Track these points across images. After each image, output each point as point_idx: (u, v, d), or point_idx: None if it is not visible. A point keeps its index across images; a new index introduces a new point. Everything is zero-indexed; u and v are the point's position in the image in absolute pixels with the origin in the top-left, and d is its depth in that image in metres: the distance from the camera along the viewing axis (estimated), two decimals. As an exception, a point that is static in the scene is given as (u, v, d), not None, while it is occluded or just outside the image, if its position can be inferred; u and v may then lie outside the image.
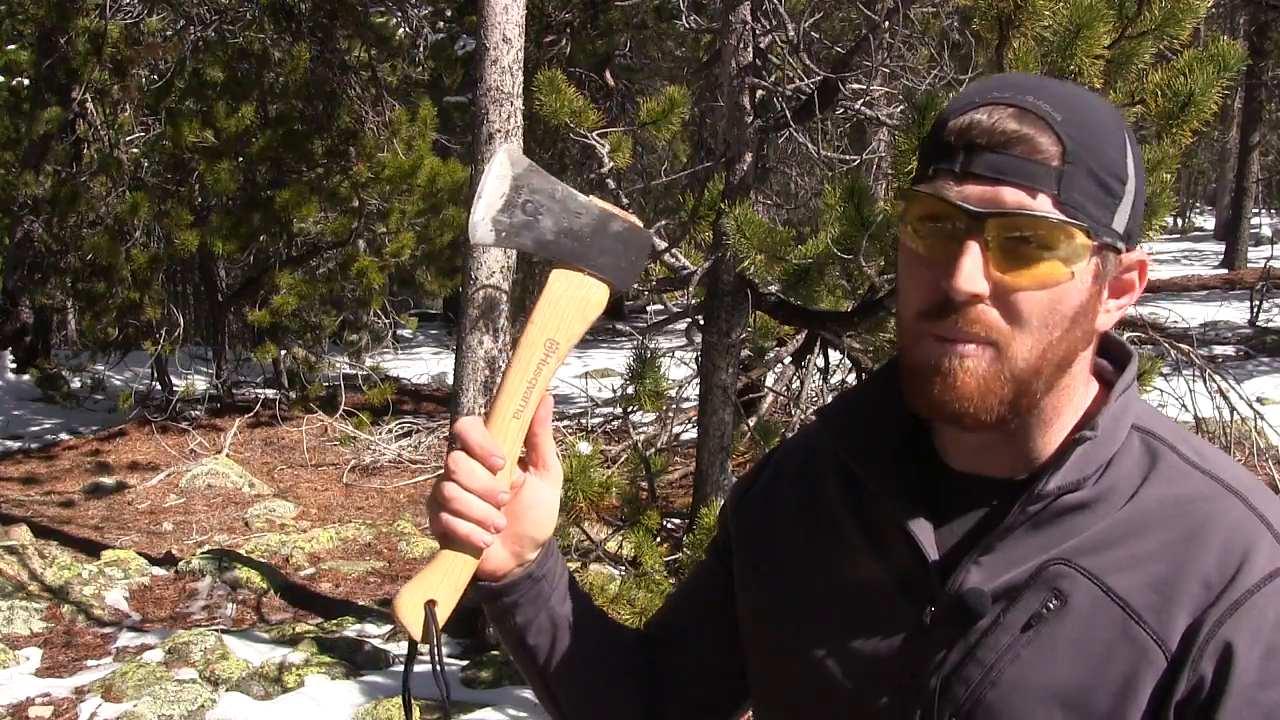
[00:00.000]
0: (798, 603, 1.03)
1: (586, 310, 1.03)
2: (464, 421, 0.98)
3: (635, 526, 3.85)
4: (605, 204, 1.05)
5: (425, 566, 0.99)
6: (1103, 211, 0.88)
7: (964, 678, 0.91)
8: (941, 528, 0.96)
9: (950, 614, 0.92)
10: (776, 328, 5.31)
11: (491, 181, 1.01)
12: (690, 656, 1.15)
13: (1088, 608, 0.88)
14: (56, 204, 9.79)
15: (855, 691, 0.96)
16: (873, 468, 0.99)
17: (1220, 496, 0.91)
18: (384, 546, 7.17)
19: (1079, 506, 0.91)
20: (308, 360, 10.71)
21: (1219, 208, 25.09)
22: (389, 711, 4.17)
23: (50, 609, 5.56)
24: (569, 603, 1.11)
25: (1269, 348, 11.22)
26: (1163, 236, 15.92)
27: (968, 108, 0.89)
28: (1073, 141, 0.86)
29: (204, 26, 9.36)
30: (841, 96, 3.90)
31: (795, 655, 1.01)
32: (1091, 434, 0.91)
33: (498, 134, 4.88)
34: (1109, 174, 0.88)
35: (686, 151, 13.37)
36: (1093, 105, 0.91)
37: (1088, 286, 0.90)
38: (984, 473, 0.97)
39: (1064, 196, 0.86)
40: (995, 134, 0.87)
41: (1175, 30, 2.95)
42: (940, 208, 0.89)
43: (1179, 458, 0.93)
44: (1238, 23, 18.27)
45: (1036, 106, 0.87)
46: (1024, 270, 0.87)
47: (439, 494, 0.98)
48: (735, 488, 1.18)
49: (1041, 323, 0.88)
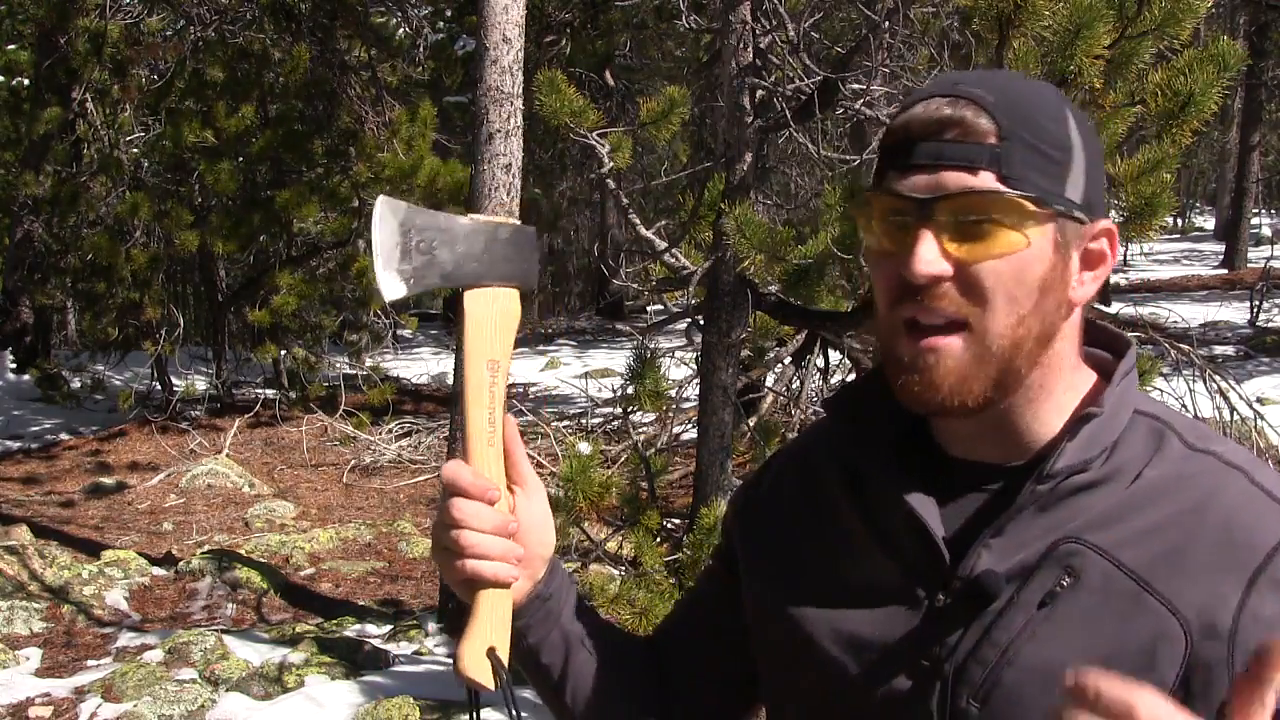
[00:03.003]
0: (808, 601, 1.03)
1: (509, 320, 1.06)
2: (451, 467, 0.99)
3: (635, 526, 3.85)
4: (484, 216, 1.09)
5: (470, 618, 1.00)
6: (1050, 181, 0.90)
7: (980, 659, 0.91)
8: (946, 514, 0.97)
9: (964, 597, 0.93)
10: (776, 328, 5.31)
11: (380, 235, 1.03)
12: (699, 664, 1.16)
13: (1100, 583, 0.89)
14: (56, 204, 9.80)
15: (872, 682, 0.97)
16: (877, 457, 1.00)
17: (1222, 471, 0.93)
18: (384, 546, 7.18)
19: (1087, 486, 0.92)
20: (308, 360, 10.71)
21: (1219, 208, 25.09)
22: (389, 711, 4.17)
23: (50, 609, 5.56)
24: (578, 617, 1.12)
25: (1269, 348, 11.23)
26: (1163, 236, 15.91)
27: (908, 107, 0.92)
28: (1006, 118, 0.89)
29: (204, 26, 9.36)
30: (841, 96, 3.90)
31: (808, 653, 1.02)
32: (1098, 410, 0.92)
33: (498, 134, 4.88)
34: (1050, 145, 0.90)
35: (686, 151, 13.37)
36: (1026, 84, 0.94)
37: (1049, 255, 0.91)
38: (982, 459, 0.98)
39: (1005, 171, 0.89)
40: (930, 123, 0.90)
41: (1175, 30, 2.95)
42: (892, 202, 0.92)
43: (1181, 440, 0.95)
44: (1238, 23, 18.27)
45: (968, 92, 0.90)
46: (978, 244, 0.89)
47: (452, 543, 0.98)
48: (736, 495, 1.18)
49: (1008, 295, 0.90)
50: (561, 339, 16.03)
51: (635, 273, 6.59)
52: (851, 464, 1.03)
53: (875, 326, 0.98)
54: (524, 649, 1.10)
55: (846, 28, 8.11)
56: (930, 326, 0.91)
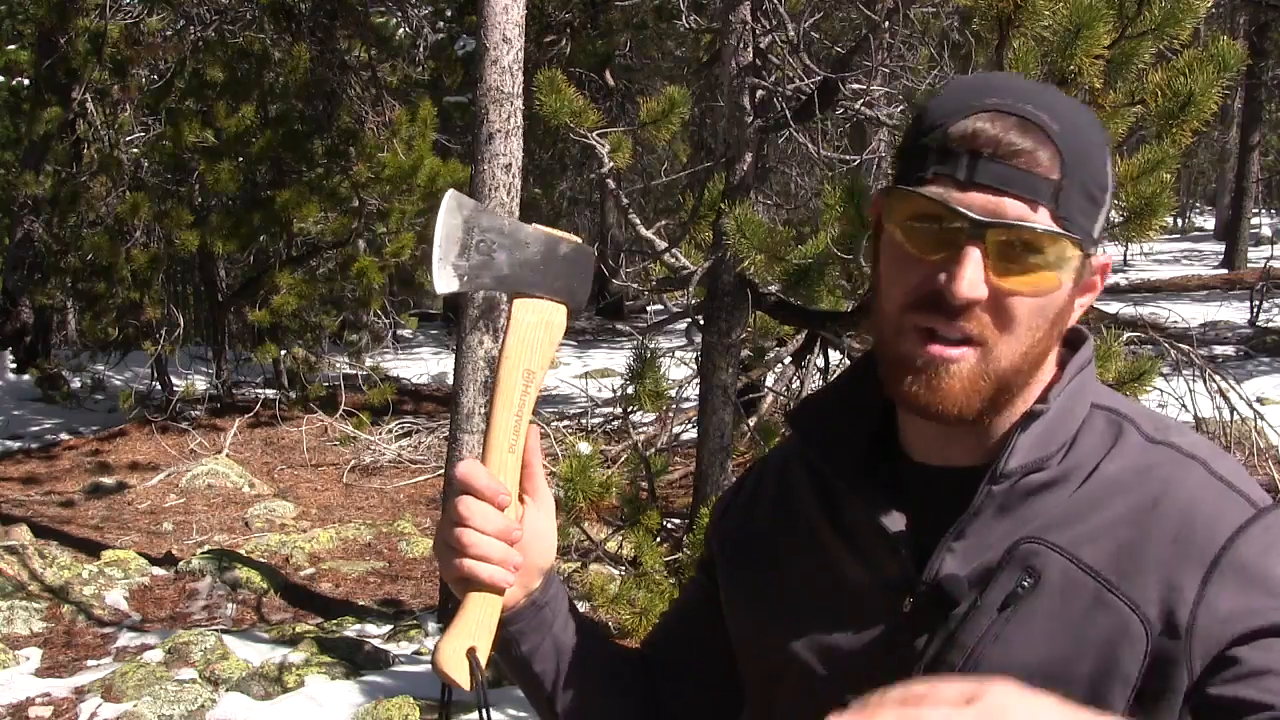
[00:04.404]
0: (781, 611, 1.04)
1: (553, 334, 1.06)
2: (467, 465, 0.99)
3: (635, 526, 3.86)
4: (549, 229, 1.08)
5: (456, 616, 1.00)
6: (1089, 222, 0.92)
7: (947, 663, 0.92)
8: (913, 520, 0.97)
9: (929, 602, 0.93)
10: (776, 328, 5.31)
11: (443, 229, 1.03)
12: (687, 673, 1.17)
13: (1061, 582, 0.90)
14: (56, 204, 9.79)
15: (844, 687, 0.97)
16: (843, 466, 1.01)
17: (1180, 463, 0.93)
18: (384, 546, 7.18)
19: (1046, 485, 0.93)
20: (308, 360, 10.71)
21: (1219, 208, 25.09)
22: (389, 711, 4.16)
23: (50, 609, 5.56)
24: (571, 626, 1.12)
25: (1269, 348, 11.22)
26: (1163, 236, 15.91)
27: (967, 112, 0.90)
28: (1070, 154, 0.89)
29: (204, 26, 9.35)
30: (841, 96, 3.90)
31: (782, 661, 1.03)
32: (1041, 407, 0.93)
33: (498, 134, 4.88)
34: (1096, 186, 0.92)
35: (686, 151, 13.36)
36: (1084, 117, 0.94)
37: (1069, 291, 0.93)
38: (949, 463, 0.98)
39: (1060, 210, 0.89)
40: (1001, 144, 0.88)
41: (1175, 30, 2.96)
42: (938, 210, 0.90)
43: (1139, 433, 0.95)
44: (1238, 23, 18.27)
45: (1037, 116, 0.89)
46: (1020, 278, 0.90)
47: (455, 540, 0.98)
48: (716, 505, 1.19)
49: (1028, 326, 0.91)
50: (561, 339, 16.00)
51: (635, 273, 6.59)
52: (820, 474, 1.04)
53: (877, 322, 0.97)
54: (516, 657, 1.10)
55: (846, 28, 8.11)
56: (946, 338, 0.91)
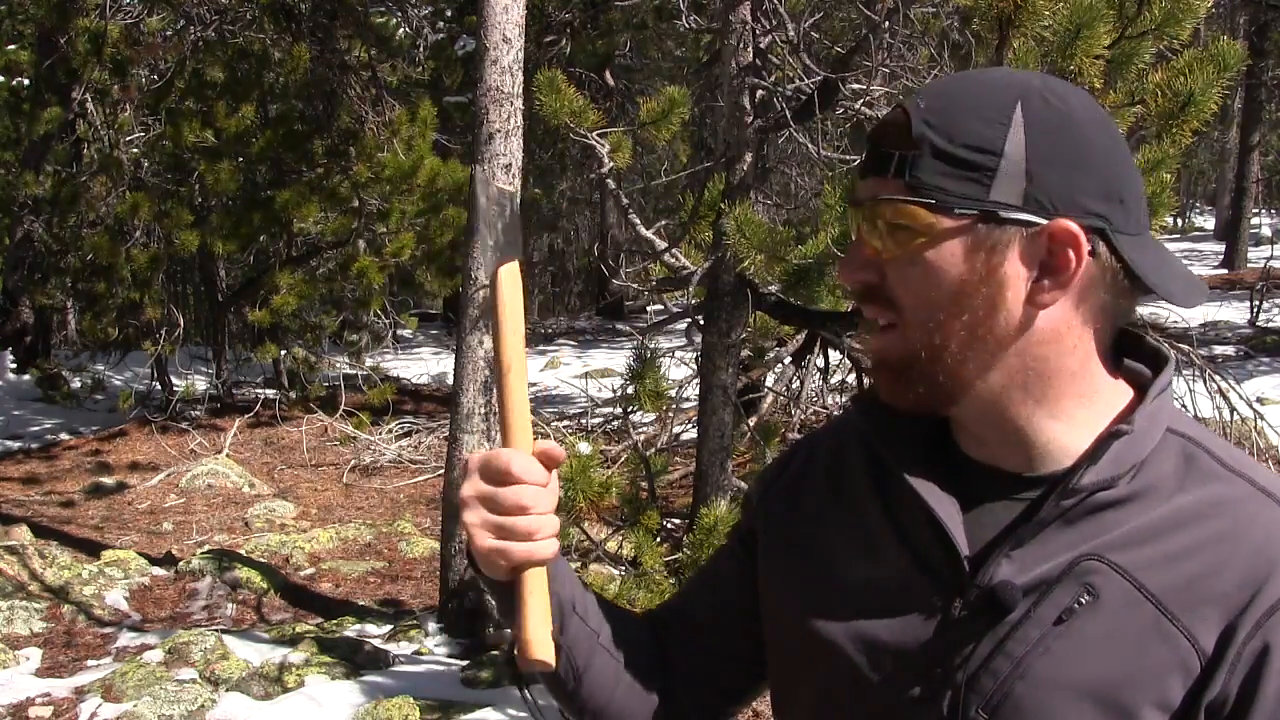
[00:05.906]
0: (825, 592, 1.03)
1: (521, 294, 1.05)
2: (506, 454, 0.97)
3: (635, 526, 3.85)
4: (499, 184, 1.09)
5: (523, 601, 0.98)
6: (967, 185, 0.88)
7: (992, 670, 0.91)
8: (968, 519, 0.96)
9: (980, 607, 0.92)
10: (776, 328, 5.31)
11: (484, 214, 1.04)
12: (706, 639, 1.16)
13: (1120, 604, 0.88)
14: (56, 204, 9.79)
15: (883, 682, 0.97)
16: (905, 456, 0.99)
17: (1255, 499, 0.90)
18: (384, 546, 7.17)
19: (1113, 504, 0.91)
20: (308, 360, 10.71)
21: (1219, 208, 25.09)
22: (389, 711, 4.17)
23: (50, 609, 5.56)
24: (578, 591, 1.11)
25: (1269, 348, 11.22)
26: (1163, 236, 15.90)
27: None
28: (924, 126, 0.89)
29: (204, 26, 9.35)
30: (841, 96, 3.90)
31: (822, 644, 1.01)
32: (1128, 428, 0.91)
33: (498, 134, 4.88)
34: (970, 148, 0.88)
35: (686, 151, 13.37)
36: (981, 84, 0.92)
37: (961, 260, 0.90)
38: (1001, 465, 0.97)
39: (910, 179, 0.90)
40: (875, 136, 0.94)
41: (1175, 30, 2.96)
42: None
43: (1214, 461, 0.93)
44: (1238, 23, 18.28)
45: (912, 98, 0.92)
46: (886, 250, 0.92)
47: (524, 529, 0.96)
48: (762, 475, 1.17)
49: (922, 300, 0.91)
50: (561, 339, 16.04)
51: (635, 273, 6.59)
52: (878, 456, 1.02)
53: None
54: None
55: (846, 28, 8.10)
56: (878, 326, 0.94)
